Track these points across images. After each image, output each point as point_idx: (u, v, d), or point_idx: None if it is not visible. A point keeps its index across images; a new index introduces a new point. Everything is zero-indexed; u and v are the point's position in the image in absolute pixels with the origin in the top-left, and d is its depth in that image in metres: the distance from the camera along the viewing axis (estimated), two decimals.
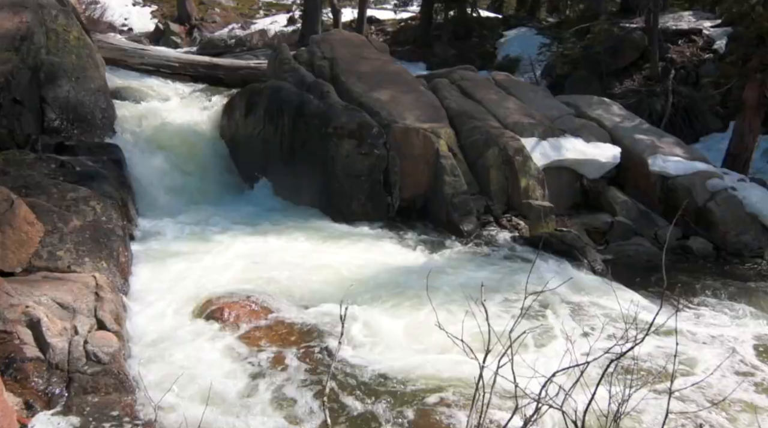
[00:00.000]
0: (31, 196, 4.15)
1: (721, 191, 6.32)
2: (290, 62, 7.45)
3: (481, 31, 14.87)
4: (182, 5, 23.10)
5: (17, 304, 3.11)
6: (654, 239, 6.29)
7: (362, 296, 4.17)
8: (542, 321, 3.86)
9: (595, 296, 4.34)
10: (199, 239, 5.21)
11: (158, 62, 8.59)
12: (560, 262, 5.00)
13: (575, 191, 6.83)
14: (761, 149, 9.72)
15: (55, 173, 4.71)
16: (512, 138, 6.40)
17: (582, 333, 3.61)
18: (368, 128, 6.04)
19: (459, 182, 6.03)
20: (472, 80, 7.62)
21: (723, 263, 5.88)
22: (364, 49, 7.71)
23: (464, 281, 4.51)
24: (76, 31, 7.05)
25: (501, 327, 3.46)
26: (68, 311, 3.25)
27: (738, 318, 4.32)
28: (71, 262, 3.85)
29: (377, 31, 17.08)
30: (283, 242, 5.18)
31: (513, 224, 6.07)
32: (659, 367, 3.39)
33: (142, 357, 3.18)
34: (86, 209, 4.24)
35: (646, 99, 11.10)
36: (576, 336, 3.45)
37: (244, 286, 4.26)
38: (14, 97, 5.91)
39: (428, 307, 4.00)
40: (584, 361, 1.99)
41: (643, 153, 6.80)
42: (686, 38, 12.25)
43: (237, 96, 7.63)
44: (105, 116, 6.99)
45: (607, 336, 3.53)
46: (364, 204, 6.07)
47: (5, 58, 6.05)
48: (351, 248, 5.17)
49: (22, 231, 3.61)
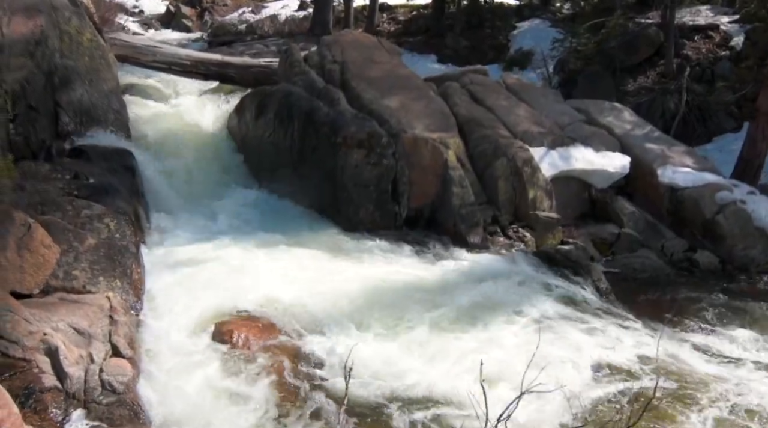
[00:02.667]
0: (47, 213, 4.27)
1: (730, 204, 6.31)
2: (300, 65, 7.45)
3: (494, 22, 14.68)
4: None
5: (35, 331, 3.24)
6: (661, 251, 6.31)
7: (369, 316, 4.26)
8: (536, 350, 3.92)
9: (596, 325, 4.38)
10: (208, 249, 5.30)
11: (170, 60, 8.63)
12: (564, 281, 5.05)
13: (583, 200, 6.84)
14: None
15: (69, 186, 4.81)
16: (521, 148, 6.41)
17: (577, 375, 3.68)
18: (378, 137, 6.08)
19: (467, 193, 6.07)
20: (482, 85, 7.59)
21: (728, 279, 5.90)
22: (374, 51, 7.68)
23: (469, 300, 4.58)
24: (89, 33, 7.09)
25: (499, 350, 3.53)
26: (84, 336, 3.38)
27: (738, 348, 4.36)
28: (86, 281, 3.97)
29: (389, 19, 16.91)
30: (292, 254, 5.26)
31: (520, 235, 6.11)
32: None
33: (155, 386, 3.30)
34: (100, 227, 4.34)
35: (659, 97, 10.97)
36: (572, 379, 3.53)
37: (252, 302, 4.36)
38: (30, 103, 6.00)
39: (432, 331, 4.14)
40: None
41: (652, 163, 6.79)
42: (703, 34, 12.02)
43: (248, 98, 7.68)
44: (118, 117, 7.06)
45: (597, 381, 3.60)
46: (372, 213, 6.13)
47: (20, 64, 6.12)
48: (358, 261, 5.25)
49: (39, 254, 3.73)
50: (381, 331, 4.04)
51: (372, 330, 4.06)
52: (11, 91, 5.72)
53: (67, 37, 6.77)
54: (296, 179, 6.70)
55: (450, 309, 4.43)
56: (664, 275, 5.92)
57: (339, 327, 4.05)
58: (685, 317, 4.83)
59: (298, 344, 3.89)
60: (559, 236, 6.26)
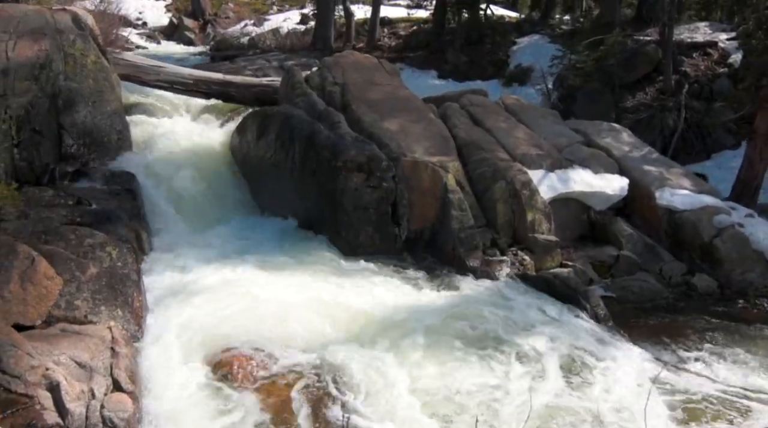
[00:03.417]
0: (51, 243, 4.32)
1: (728, 227, 6.34)
2: (302, 86, 7.53)
3: (494, 38, 14.81)
4: (197, 0, 23.19)
5: (38, 366, 3.28)
6: (659, 274, 6.34)
7: (368, 345, 4.29)
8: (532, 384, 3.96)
9: (594, 354, 4.40)
10: (209, 273, 5.33)
11: (172, 79, 8.72)
12: (562, 307, 5.08)
13: (582, 222, 6.88)
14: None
15: (72, 213, 4.87)
16: (520, 171, 6.46)
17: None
18: (378, 161, 6.13)
19: (466, 217, 6.11)
20: (481, 106, 7.65)
21: (727, 303, 5.91)
22: (375, 73, 7.76)
23: (467, 328, 4.62)
24: (94, 55, 7.16)
25: (496, 380, 3.53)
26: (85, 370, 3.42)
27: (736, 375, 4.38)
28: (88, 311, 4.02)
29: (390, 34, 17.05)
30: (293, 279, 5.30)
31: (519, 258, 6.14)
32: None
33: (155, 423, 3.33)
34: (102, 255, 4.39)
35: (658, 114, 11.05)
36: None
37: (251, 330, 4.39)
38: (34, 127, 6.08)
39: (431, 362, 4.17)
40: None
41: (650, 185, 6.83)
42: (701, 51, 12.12)
43: (249, 118, 7.75)
44: (121, 137, 7.14)
45: None
46: (372, 236, 6.17)
47: (25, 88, 6.21)
48: (358, 286, 5.27)
49: (42, 286, 3.78)
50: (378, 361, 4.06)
51: (370, 360, 4.09)
52: (16, 117, 5.79)
53: (71, 60, 6.86)
54: (297, 200, 6.75)
55: (446, 340, 4.44)
56: (662, 298, 5.95)
57: (336, 359, 4.08)
58: (684, 345, 4.84)
59: (298, 375, 3.92)
60: (558, 259, 6.30)
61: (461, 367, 4.10)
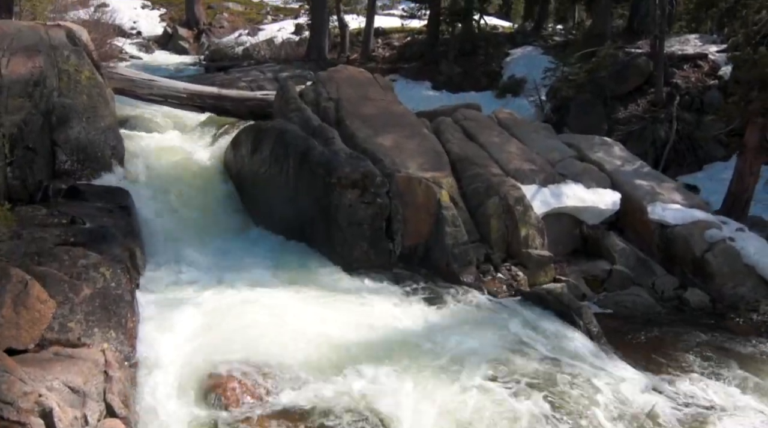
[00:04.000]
0: (44, 264, 4.30)
1: (719, 242, 6.40)
2: (296, 101, 7.56)
3: (488, 49, 14.93)
4: (191, 9, 23.25)
5: (30, 392, 3.26)
6: (651, 288, 6.39)
7: (363, 367, 4.30)
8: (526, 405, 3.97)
9: (588, 375, 4.42)
10: (204, 291, 5.32)
11: (166, 93, 8.74)
12: (556, 324, 5.11)
13: (575, 236, 6.93)
14: (764, 179, 9.77)
15: (66, 233, 4.85)
16: (513, 187, 6.51)
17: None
18: (372, 177, 6.16)
19: (460, 232, 6.14)
20: (474, 120, 7.71)
21: (718, 317, 5.97)
22: (369, 88, 7.81)
23: (459, 346, 4.63)
24: (88, 71, 7.17)
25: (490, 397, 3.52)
26: (78, 395, 3.41)
27: (726, 393, 4.42)
28: (81, 334, 4.00)
29: (384, 44, 17.15)
30: (288, 297, 5.30)
31: (512, 274, 6.18)
32: None
33: None
34: (96, 276, 4.37)
35: (650, 126, 11.16)
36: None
37: (246, 351, 4.39)
38: (27, 144, 6.07)
39: (427, 383, 4.18)
40: None
41: (642, 200, 6.89)
42: (692, 63, 12.26)
43: (243, 133, 7.76)
44: (114, 152, 7.14)
45: None
46: (367, 251, 6.18)
47: (18, 105, 6.20)
48: (353, 304, 5.28)
49: (35, 310, 3.76)
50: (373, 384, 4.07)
51: (364, 379, 4.10)
52: (9, 135, 5.79)
53: (65, 76, 6.86)
54: (291, 216, 6.76)
55: (439, 361, 4.45)
56: (655, 313, 6.00)
57: (330, 381, 4.08)
58: (677, 364, 4.87)
59: (291, 399, 3.92)
60: (551, 274, 6.34)
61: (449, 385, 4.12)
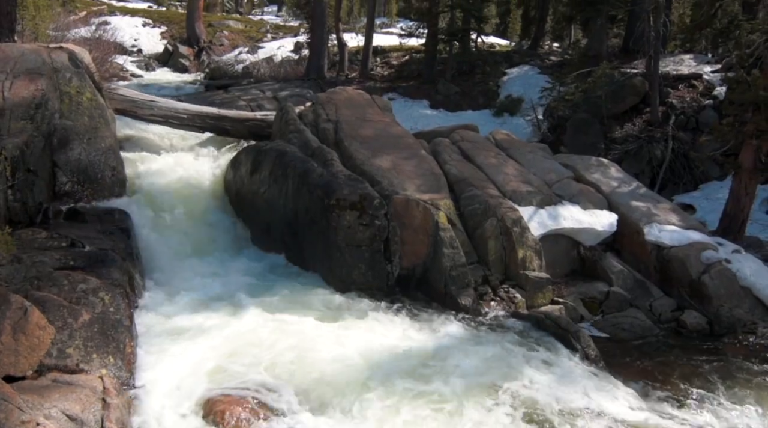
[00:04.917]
0: (43, 289, 4.32)
1: (716, 263, 6.44)
2: (295, 123, 7.63)
3: (485, 68, 15.08)
4: (191, 27, 23.50)
5: (28, 420, 3.26)
6: (649, 311, 6.41)
7: (359, 392, 4.30)
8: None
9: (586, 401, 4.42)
10: (202, 314, 5.33)
11: (167, 114, 8.81)
12: (553, 347, 5.12)
13: (572, 258, 6.96)
14: (760, 199, 9.85)
15: (65, 257, 4.87)
16: (510, 208, 6.55)
17: None
18: (370, 199, 6.20)
19: (457, 255, 6.17)
20: (472, 142, 7.78)
21: (716, 340, 5.98)
22: (367, 109, 7.89)
23: (458, 370, 4.64)
24: (89, 92, 7.24)
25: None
26: (76, 423, 3.41)
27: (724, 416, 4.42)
28: (79, 360, 4.01)
29: (382, 63, 17.31)
30: (285, 319, 5.29)
31: (510, 296, 6.20)
32: None
33: None
34: (95, 301, 4.39)
35: (646, 145, 11.27)
36: None
37: (245, 376, 4.39)
38: (28, 167, 6.10)
39: (424, 409, 4.18)
40: None
41: (639, 221, 6.93)
42: (686, 83, 12.41)
43: (243, 153, 7.83)
44: (114, 173, 7.15)
45: None
46: (365, 273, 6.20)
47: (20, 128, 6.25)
48: (350, 327, 5.29)
49: (34, 336, 3.78)
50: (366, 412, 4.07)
51: (359, 410, 4.10)
52: (11, 158, 5.83)
53: (67, 98, 6.92)
54: (289, 237, 6.80)
55: (435, 385, 4.45)
56: (652, 335, 6.01)
57: (325, 407, 4.09)
58: (675, 384, 4.88)
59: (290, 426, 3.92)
60: (549, 296, 6.35)
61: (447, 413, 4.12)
